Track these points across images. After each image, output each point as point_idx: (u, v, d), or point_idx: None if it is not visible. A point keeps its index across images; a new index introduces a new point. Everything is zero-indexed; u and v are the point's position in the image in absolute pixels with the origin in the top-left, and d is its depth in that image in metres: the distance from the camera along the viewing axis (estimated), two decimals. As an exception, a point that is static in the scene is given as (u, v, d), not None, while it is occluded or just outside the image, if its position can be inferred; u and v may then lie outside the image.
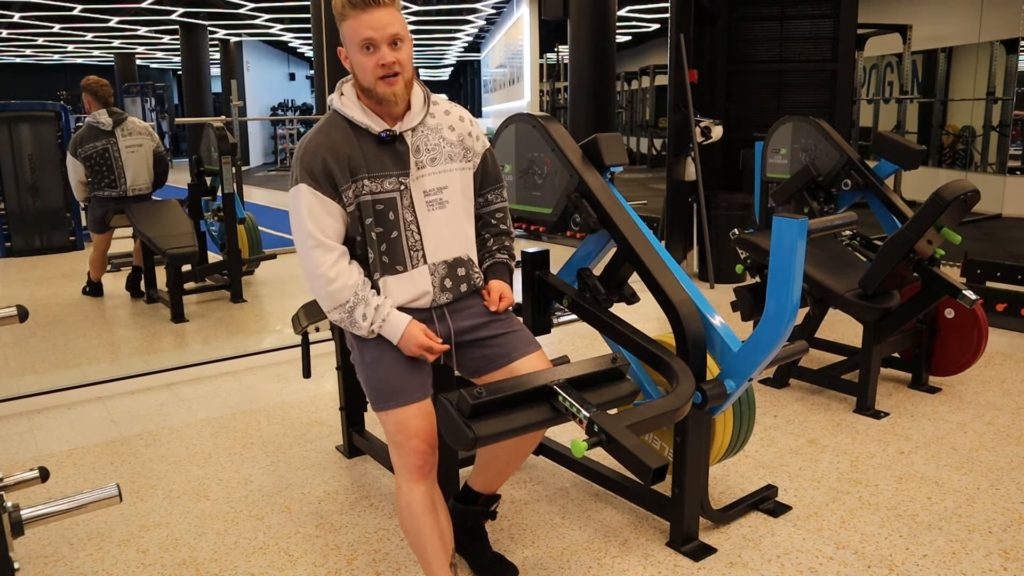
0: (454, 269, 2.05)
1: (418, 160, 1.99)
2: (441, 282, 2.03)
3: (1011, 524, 2.47)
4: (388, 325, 1.93)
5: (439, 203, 2.02)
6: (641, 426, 1.88)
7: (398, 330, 1.94)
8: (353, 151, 1.93)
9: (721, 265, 5.77)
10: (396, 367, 1.97)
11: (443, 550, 1.95)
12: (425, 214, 1.99)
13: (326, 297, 1.93)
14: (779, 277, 2.12)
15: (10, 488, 2.04)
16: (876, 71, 11.52)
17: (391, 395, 1.94)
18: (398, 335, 1.93)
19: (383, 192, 1.95)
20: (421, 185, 1.99)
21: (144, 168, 5.43)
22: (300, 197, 1.91)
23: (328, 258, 1.92)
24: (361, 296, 1.93)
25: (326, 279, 1.91)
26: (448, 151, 2.05)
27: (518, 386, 1.93)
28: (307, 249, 1.92)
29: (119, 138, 5.30)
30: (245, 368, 4.14)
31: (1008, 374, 3.84)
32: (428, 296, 2.01)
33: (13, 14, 15.75)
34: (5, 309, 1.89)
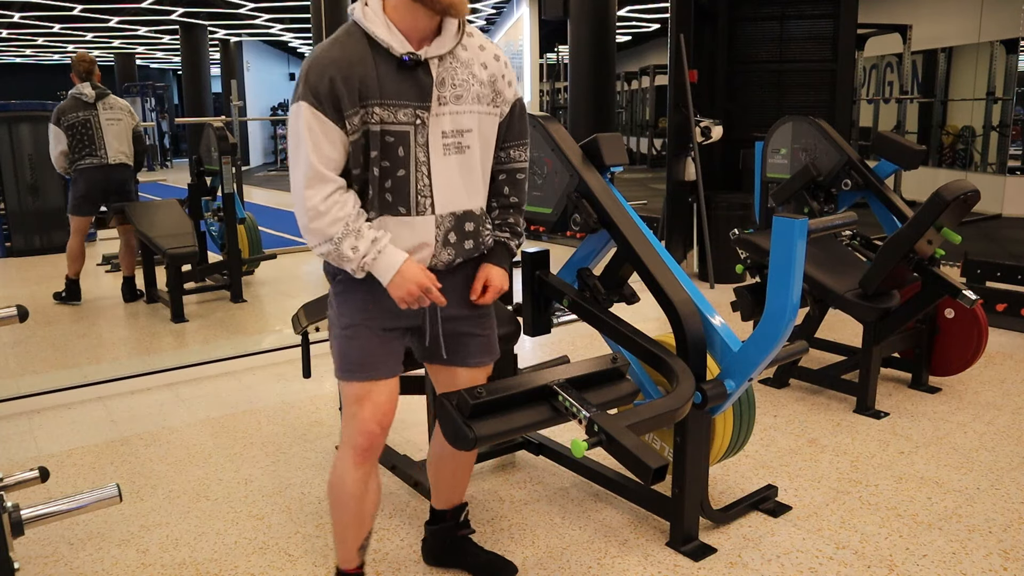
0: (462, 223, 1.84)
1: (442, 95, 1.75)
2: (445, 236, 1.82)
3: (1011, 524, 2.47)
4: (383, 259, 1.73)
5: (457, 147, 1.80)
6: (641, 426, 1.89)
7: (392, 265, 1.73)
8: (367, 71, 1.69)
9: (721, 265, 5.77)
10: (371, 340, 1.85)
11: (359, 532, 1.95)
12: (440, 157, 1.77)
13: (313, 232, 1.73)
14: (779, 277, 2.12)
15: (10, 488, 2.04)
16: (876, 71, 11.51)
17: (360, 366, 1.84)
18: (392, 271, 1.73)
19: (396, 123, 1.72)
20: (441, 124, 1.76)
21: (125, 141, 5.45)
22: (300, 117, 1.69)
23: (321, 191, 1.71)
24: (352, 228, 1.72)
25: (315, 212, 1.71)
26: (477, 90, 1.81)
27: (518, 386, 1.93)
28: (299, 176, 1.72)
29: (100, 111, 5.36)
30: (245, 368, 4.14)
31: (1008, 374, 3.84)
32: (428, 250, 1.82)
33: (13, 14, 15.74)
34: (5, 309, 1.89)
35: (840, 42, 5.64)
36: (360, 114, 1.70)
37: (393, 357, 1.88)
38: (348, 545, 1.97)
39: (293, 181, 1.74)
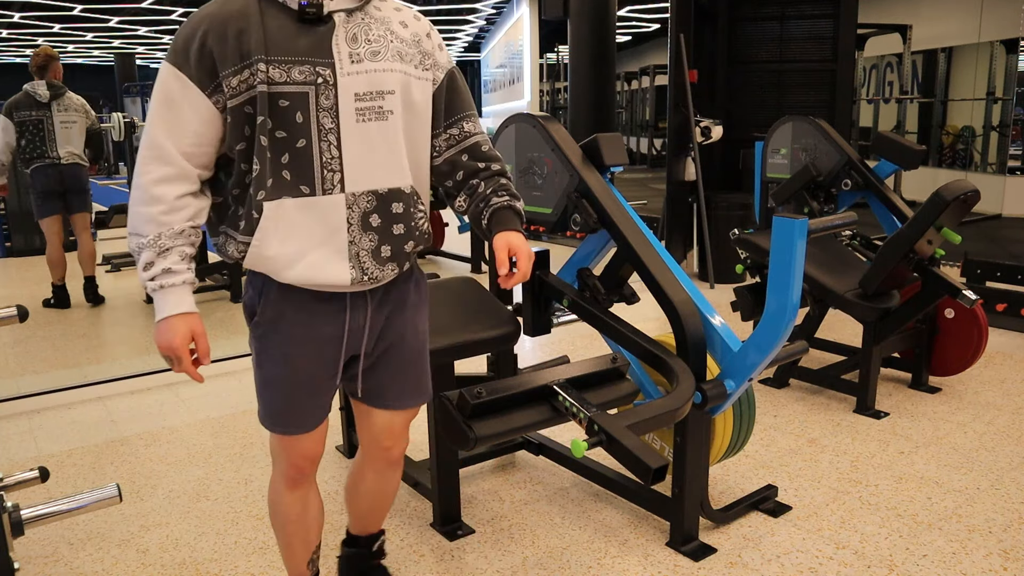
0: (387, 204, 1.56)
1: (354, 51, 1.50)
2: (364, 218, 1.53)
3: (1011, 524, 2.47)
4: (161, 297, 1.47)
5: (377, 112, 1.52)
6: (641, 426, 1.89)
7: (164, 310, 1.47)
8: (250, 26, 1.43)
9: (721, 265, 5.77)
10: (295, 392, 1.63)
11: (305, 548, 1.84)
12: (352, 124, 1.50)
13: (134, 215, 1.47)
14: (779, 277, 2.12)
15: (10, 488, 2.04)
16: (876, 71, 11.52)
17: (282, 421, 1.66)
18: (160, 315, 1.48)
19: (290, 84, 1.45)
20: (354, 84, 1.49)
21: (78, 142, 5.36)
22: (161, 79, 1.46)
23: (158, 171, 1.45)
24: (163, 243, 1.46)
25: (147, 196, 1.45)
26: (398, 47, 1.56)
27: (518, 386, 1.93)
28: (142, 148, 1.47)
29: (54, 112, 5.27)
30: (245, 368, 4.14)
31: (1008, 374, 3.84)
32: (341, 237, 1.52)
33: (13, 14, 15.75)
34: (5, 309, 1.89)
35: (840, 42, 5.64)
36: (241, 74, 1.43)
37: (321, 406, 1.69)
38: (296, 561, 1.87)
39: (139, 150, 1.50)
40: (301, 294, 1.56)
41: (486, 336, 2.42)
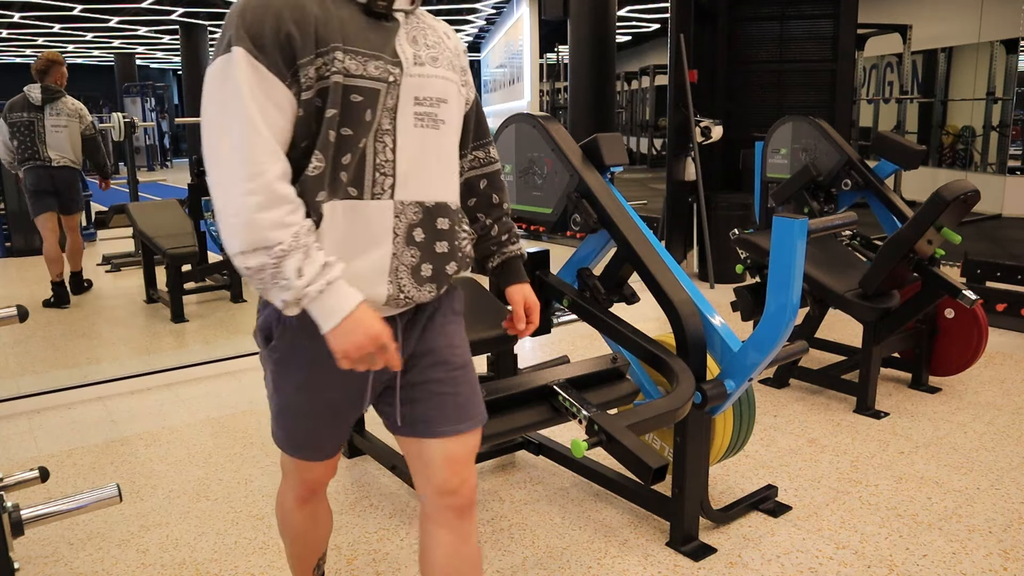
0: (433, 219, 1.42)
1: (416, 54, 1.39)
2: (409, 232, 1.38)
3: (1011, 524, 2.47)
4: (331, 294, 1.26)
5: (432, 120, 1.41)
6: (641, 426, 1.89)
7: (342, 307, 1.26)
8: (324, 12, 1.30)
9: (721, 265, 5.77)
10: (315, 422, 1.52)
11: (312, 558, 1.81)
12: (409, 127, 1.38)
13: (247, 228, 1.22)
14: (779, 277, 2.12)
15: (10, 488, 2.04)
16: (876, 71, 11.52)
17: (298, 447, 1.58)
18: (340, 313, 1.26)
19: (365, 79, 1.31)
20: (415, 87, 1.38)
21: (68, 146, 5.43)
22: (234, 68, 1.24)
23: (275, 168, 1.25)
24: (302, 242, 1.25)
25: (272, 197, 1.23)
26: (450, 57, 1.47)
27: (518, 386, 1.94)
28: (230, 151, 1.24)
29: (46, 115, 5.35)
30: (245, 368, 4.14)
31: (1008, 374, 3.84)
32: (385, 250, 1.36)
33: (13, 14, 15.75)
34: (5, 309, 1.89)
35: (840, 42, 5.64)
36: (317, 64, 1.29)
37: (341, 435, 1.58)
38: (304, 567, 1.82)
39: (216, 157, 1.25)
40: None
41: (486, 336, 2.43)
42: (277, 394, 1.53)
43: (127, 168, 7.25)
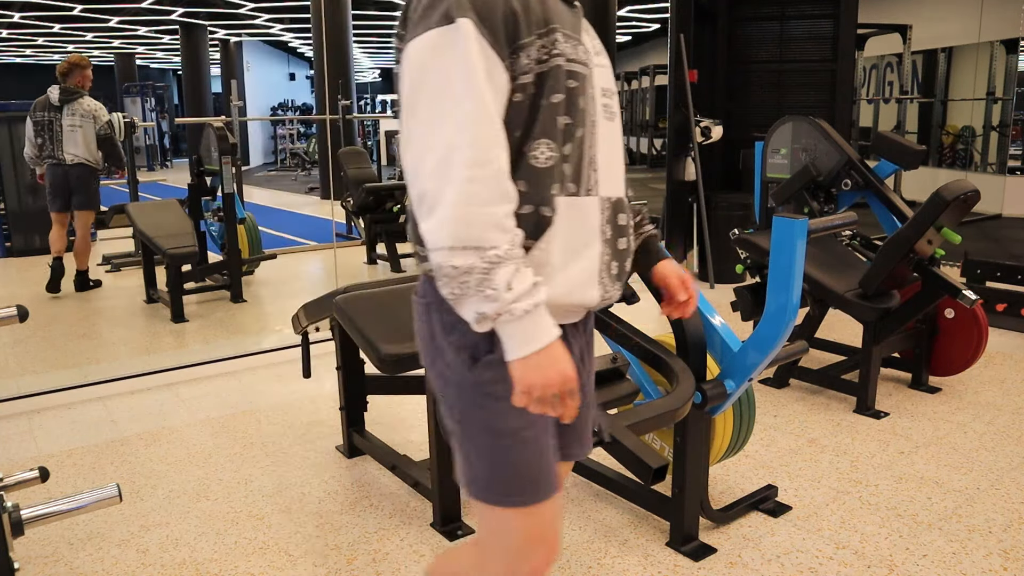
0: (616, 215, 1.31)
1: (594, 43, 1.31)
2: (603, 228, 1.28)
3: (1011, 524, 2.47)
4: (533, 319, 1.10)
5: (610, 112, 1.31)
6: (641, 426, 1.89)
7: (542, 336, 1.11)
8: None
9: (721, 265, 5.77)
10: (539, 442, 1.25)
11: None
12: (601, 119, 1.28)
13: (465, 219, 1.07)
14: (779, 277, 2.12)
15: (10, 488, 2.04)
16: (876, 71, 11.51)
17: (534, 484, 1.23)
18: (538, 342, 1.11)
19: (578, 63, 1.21)
20: (600, 77, 1.29)
21: (82, 146, 5.70)
22: (462, 40, 1.10)
23: (503, 158, 1.11)
24: (516, 253, 1.10)
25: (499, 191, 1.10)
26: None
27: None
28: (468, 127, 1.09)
29: (64, 115, 5.66)
30: (245, 368, 4.14)
31: (1008, 374, 3.84)
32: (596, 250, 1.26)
33: (13, 14, 15.75)
34: (5, 309, 1.89)
35: (840, 42, 5.64)
36: (538, 45, 1.16)
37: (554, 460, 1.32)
38: None
39: (430, 137, 1.10)
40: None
41: (486, 336, 2.42)
42: (494, 420, 1.22)
43: (127, 168, 7.26)
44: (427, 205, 1.10)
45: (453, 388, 1.25)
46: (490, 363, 1.20)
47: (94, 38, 20.12)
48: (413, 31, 1.13)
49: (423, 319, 1.28)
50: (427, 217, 1.10)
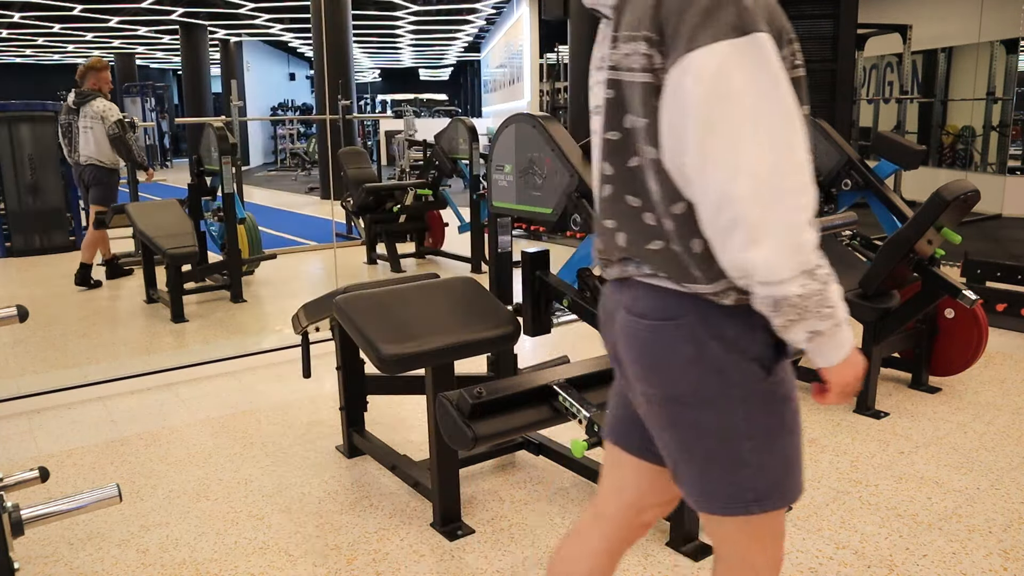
0: None
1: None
2: None
3: (1011, 524, 2.47)
4: (845, 330, 1.15)
5: None
6: (641, 426, 1.88)
7: (850, 337, 1.17)
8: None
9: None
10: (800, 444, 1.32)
11: None
12: None
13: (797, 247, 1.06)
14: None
15: (10, 488, 2.04)
16: (876, 71, 11.51)
17: (796, 485, 1.33)
18: (850, 343, 1.16)
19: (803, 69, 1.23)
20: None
21: (93, 146, 5.93)
22: (768, 54, 1.07)
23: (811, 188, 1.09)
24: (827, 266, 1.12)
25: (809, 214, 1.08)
26: None
27: (518, 386, 1.94)
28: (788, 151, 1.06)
29: (80, 118, 5.94)
30: (245, 368, 4.14)
31: (1008, 374, 3.84)
32: None
33: (13, 14, 15.75)
34: (5, 309, 1.89)
35: (840, 42, 5.65)
36: (785, 55, 1.16)
37: None
38: None
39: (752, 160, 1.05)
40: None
41: (486, 336, 2.43)
42: (790, 422, 1.28)
43: (127, 168, 7.26)
44: (747, 234, 1.06)
45: (756, 396, 1.23)
46: (782, 368, 1.25)
47: (94, 38, 20.12)
48: (692, 40, 1.07)
49: (676, 342, 1.21)
50: (749, 247, 1.06)
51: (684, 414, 1.23)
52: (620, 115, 1.20)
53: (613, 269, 1.29)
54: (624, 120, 1.20)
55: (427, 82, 35.63)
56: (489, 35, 21.66)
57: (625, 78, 1.17)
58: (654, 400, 1.26)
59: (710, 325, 1.19)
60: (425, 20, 18.25)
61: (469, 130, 6.49)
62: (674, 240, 1.17)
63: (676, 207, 1.16)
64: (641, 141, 1.18)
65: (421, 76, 35.10)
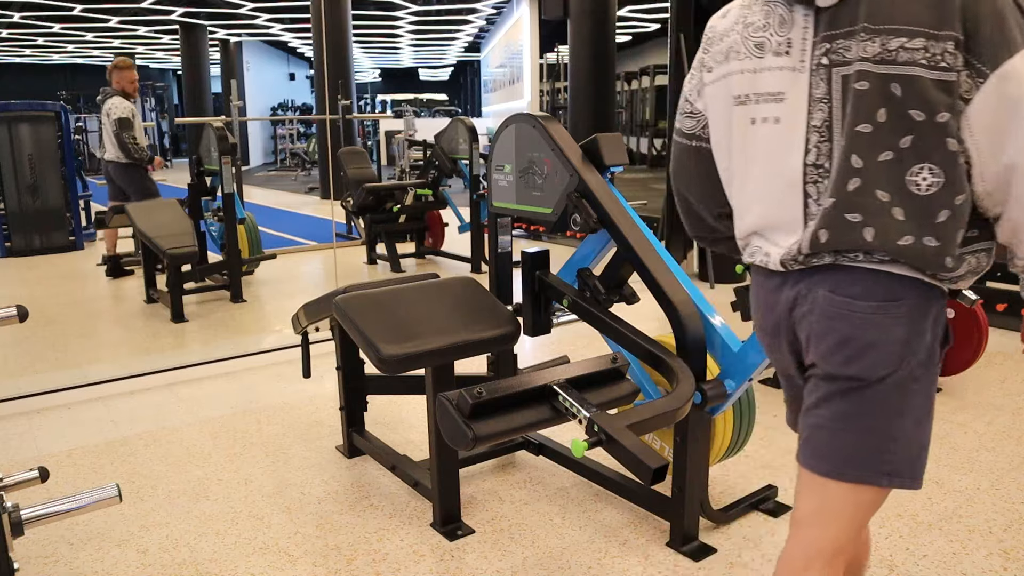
0: None
1: None
2: None
3: (1011, 524, 2.47)
4: None
5: None
6: (641, 426, 1.88)
7: None
8: None
9: (721, 265, 5.77)
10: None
11: None
12: None
13: None
14: (779, 277, 2.12)
15: (10, 488, 2.04)
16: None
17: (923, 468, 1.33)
18: None
19: None
20: None
21: (108, 144, 6.18)
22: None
23: None
24: None
25: None
26: None
27: (518, 386, 1.94)
28: None
29: (102, 115, 6.24)
30: (245, 368, 4.14)
31: (1008, 374, 3.84)
32: None
33: (13, 14, 15.75)
34: (5, 309, 1.89)
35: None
36: None
37: None
38: None
39: None
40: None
41: (486, 336, 2.43)
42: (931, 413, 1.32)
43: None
44: None
45: (925, 378, 1.29)
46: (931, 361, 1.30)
47: (94, 38, 20.11)
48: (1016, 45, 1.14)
49: (891, 324, 1.25)
50: None
51: (869, 391, 1.27)
52: (874, 109, 1.20)
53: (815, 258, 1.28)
54: (879, 114, 1.20)
55: (427, 82, 35.64)
56: (489, 35, 21.66)
57: (892, 71, 1.17)
58: (840, 376, 1.28)
59: (926, 309, 1.26)
60: (425, 20, 18.26)
61: (469, 130, 6.49)
62: (934, 232, 1.20)
63: (958, 199, 1.19)
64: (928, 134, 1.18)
65: (421, 76, 35.11)
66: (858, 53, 1.20)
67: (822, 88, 1.25)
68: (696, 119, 1.51)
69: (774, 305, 1.38)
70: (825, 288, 1.27)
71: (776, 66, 1.30)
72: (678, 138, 1.55)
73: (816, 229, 1.26)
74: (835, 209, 1.24)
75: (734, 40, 1.38)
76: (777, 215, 1.33)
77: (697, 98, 1.50)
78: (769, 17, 1.31)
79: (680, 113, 1.54)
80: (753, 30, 1.34)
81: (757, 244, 1.39)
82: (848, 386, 1.28)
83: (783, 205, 1.32)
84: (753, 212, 1.38)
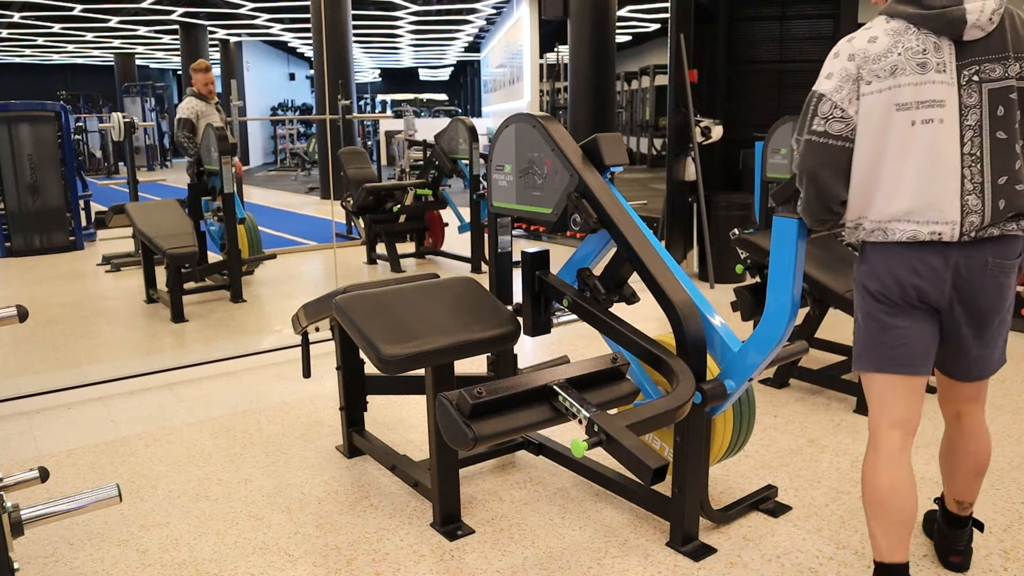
0: None
1: None
2: None
3: (1011, 524, 2.47)
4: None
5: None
6: (641, 426, 1.89)
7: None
8: None
9: (721, 265, 5.77)
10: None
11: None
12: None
13: None
14: (779, 277, 2.12)
15: (10, 488, 2.04)
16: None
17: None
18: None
19: None
20: None
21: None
22: None
23: None
24: None
25: None
26: None
27: (518, 386, 1.94)
28: None
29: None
30: (245, 368, 4.14)
31: (1008, 374, 3.84)
32: None
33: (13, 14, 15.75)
34: (5, 309, 1.89)
35: (840, 42, 5.65)
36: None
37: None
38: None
39: None
40: None
41: (486, 336, 2.43)
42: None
43: (127, 168, 7.27)
44: None
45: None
46: None
47: (94, 38, 20.11)
48: None
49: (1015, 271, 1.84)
50: None
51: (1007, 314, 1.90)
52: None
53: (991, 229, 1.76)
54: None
55: (427, 82, 35.62)
56: (489, 35, 21.66)
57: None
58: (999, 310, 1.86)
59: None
60: (425, 20, 18.25)
61: (469, 130, 6.49)
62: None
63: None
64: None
65: (421, 76, 35.09)
66: (1004, 72, 1.72)
67: (974, 98, 1.72)
68: (846, 122, 1.81)
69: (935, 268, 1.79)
70: (1000, 256, 1.79)
71: (938, 80, 1.72)
72: (823, 139, 1.83)
73: (995, 200, 1.73)
74: (1008, 183, 1.73)
75: (897, 60, 1.75)
76: (933, 195, 1.74)
77: (849, 105, 1.80)
78: (924, 44, 1.74)
79: (825, 118, 1.82)
80: (913, 53, 1.74)
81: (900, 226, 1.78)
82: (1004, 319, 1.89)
83: (943, 187, 1.73)
84: (906, 196, 1.76)
